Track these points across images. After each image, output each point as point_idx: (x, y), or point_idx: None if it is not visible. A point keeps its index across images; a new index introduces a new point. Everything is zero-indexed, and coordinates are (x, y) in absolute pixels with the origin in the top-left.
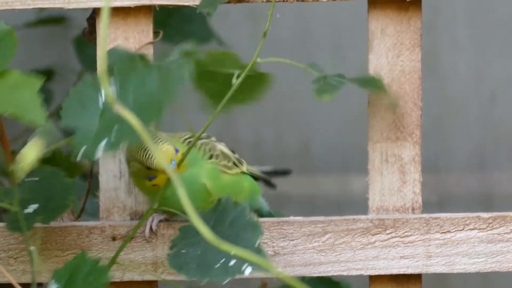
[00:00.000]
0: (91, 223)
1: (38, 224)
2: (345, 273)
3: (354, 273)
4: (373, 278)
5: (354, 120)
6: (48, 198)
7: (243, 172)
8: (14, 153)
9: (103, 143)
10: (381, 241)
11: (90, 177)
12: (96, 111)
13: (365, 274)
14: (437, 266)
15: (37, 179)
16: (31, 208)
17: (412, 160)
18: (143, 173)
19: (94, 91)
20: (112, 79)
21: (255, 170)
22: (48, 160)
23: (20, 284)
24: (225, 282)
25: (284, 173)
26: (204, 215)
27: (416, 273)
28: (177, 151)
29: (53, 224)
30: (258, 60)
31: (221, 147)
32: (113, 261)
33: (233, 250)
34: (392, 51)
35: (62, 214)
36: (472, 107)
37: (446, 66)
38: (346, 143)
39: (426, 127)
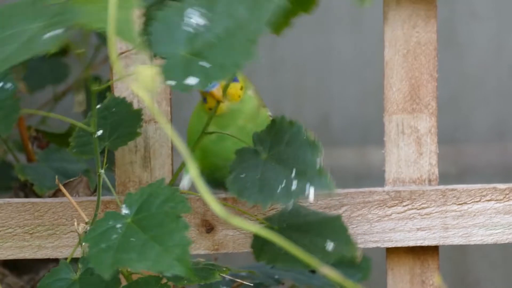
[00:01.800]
0: (107, 198)
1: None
2: (362, 246)
3: (371, 245)
4: (390, 250)
5: (373, 93)
6: (115, 125)
7: None
8: (30, 129)
9: (192, 80)
10: (398, 213)
11: (106, 152)
12: (183, 38)
13: (382, 246)
14: (454, 238)
15: (99, 106)
16: (97, 133)
17: (428, 131)
18: (201, 94)
19: (181, 17)
20: (200, 7)
21: None
22: (63, 136)
23: (37, 260)
24: (290, 204)
25: None
26: (259, 136)
27: (433, 245)
28: (236, 80)
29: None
30: None
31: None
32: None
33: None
34: (407, 23)
35: (131, 140)
36: (490, 79)
37: (464, 37)
38: (365, 116)
39: (444, 99)
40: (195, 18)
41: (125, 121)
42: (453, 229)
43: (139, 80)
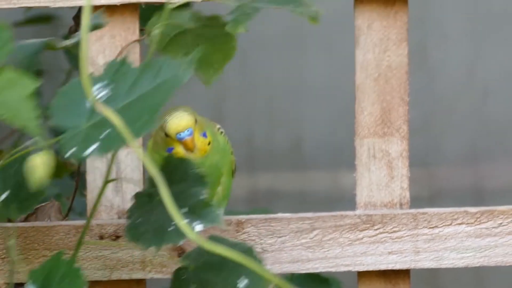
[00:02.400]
0: (79, 222)
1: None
2: (333, 270)
3: (342, 269)
4: (361, 274)
5: (344, 116)
6: (20, 186)
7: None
8: (1, 153)
9: (93, 147)
10: (369, 237)
11: (78, 176)
12: (84, 112)
13: (354, 270)
14: (425, 261)
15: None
16: (3, 196)
17: (399, 155)
18: (164, 143)
19: (82, 92)
20: (104, 81)
21: None
22: None
23: (8, 284)
24: (181, 243)
25: None
26: (152, 179)
27: (404, 268)
28: (204, 135)
29: (40, 223)
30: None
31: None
32: (73, 257)
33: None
34: (378, 46)
35: (37, 204)
36: (463, 102)
37: (436, 60)
38: (336, 140)
39: (416, 122)
40: (98, 92)
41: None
42: (424, 253)
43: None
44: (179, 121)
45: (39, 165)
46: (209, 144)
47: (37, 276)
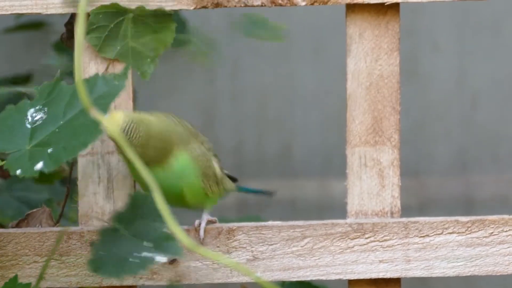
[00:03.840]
0: (70, 229)
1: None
2: (324, 278)
3: (333, 277)
4: (352, 283)
5: (335, 124)
6: None
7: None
8: None
9: (40, 164)
10: (360, 245)
11: (69, 182)
12: (24, 134)
13: (344, 278)
14: (416, 270)
15: None
16: None
17: (391, 164)
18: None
19: (20, 115)
20: (38, 106)
21: (232, 187)
22: None
23: None
24: (140, 274)
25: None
26: (120, 215)
27: (395, 277)
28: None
29: (31, 229)
30: None
31: (215, 165)
32: (40, 277)
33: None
34: (370, 55)
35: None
36: (453, 111)
37: (426, 70)
38: (327, 148)
39: (407, 131)
40: (34, 115)
41: None
42: (415, 262)
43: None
44: (114, 122)
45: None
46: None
47: None
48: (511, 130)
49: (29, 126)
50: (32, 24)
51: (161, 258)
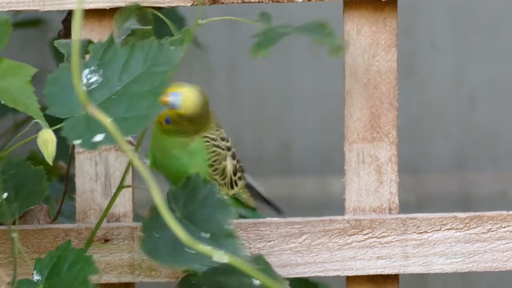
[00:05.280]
0: (68, 226)
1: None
2: (322, 274)
3: (331, 274)
4: (350, 279)
5: (333, 122)
6: (19, 187)
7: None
8: None
9: (101, 136)
10: (358, 241)
11: (67, 180)
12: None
13: (342, 275)
14: (414, 266)
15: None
16: (4, 195)
17: (388, 160)
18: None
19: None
20: (92, 67)
21: (246, 195)
22: None
23: None
24: (195, 269)
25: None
26: (174, 192)
27: (393, 273)
28: (167, 121)
29: (29, 226)
30: (200, 21)
31: (228, 164)
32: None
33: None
34: (367, 52)
35: (39, 202)
36: (451, 109)
37: (425, 68)
38: (325, 145)
39: (405, 128)
40: (89, 76)
41: (28, 181)
42: (413, 258)
43: (39, 145)
44: (189, 98)
45: (49, 139)
46: (162, 125)
47: (44, 265)
48: (509, 128)
49: (84, 88)
50: (29, 22)
51: (220, 258)
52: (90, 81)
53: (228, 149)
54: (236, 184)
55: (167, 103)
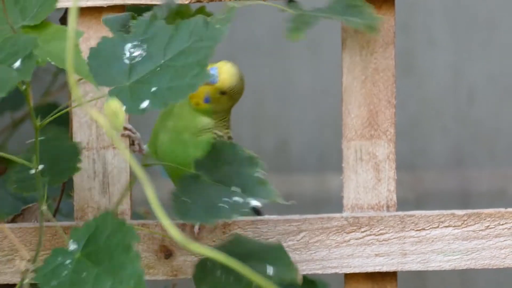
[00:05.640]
0: (66, 223)
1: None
2: (320, 272)
3: (329, 271)
4: (348, 276)
5: (331, 119)
6: (54, 160)
7: None
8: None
9: (146, 102)
10: (356, 239)
11: None
12: (123, 70)
13: (340, 272)
14: (412, 263)
15: (42, 138)
16: (40, 167)
17: (386, 158)
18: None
19: (116, 49)
20: (135, 42)
21: None
22: None
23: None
24: (233, 219)
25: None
26: (201, 162)
27: (391, 271)
28: (207, 99)
29: (27, 224)
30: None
31: None
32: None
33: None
34: (365, 49)
35: (72, 174)
36: (449, 106)
37: (423, 65)
38: (323, 143)
39: (403, 125)
40: (132, 50)
41: (64, 155)
42: (411, 255)
43: (107, 115)
44: (228, 71)
45: (119, 110)
46: (198, 105)
47: (81, 234)
48: (507, 124)
49: (127, 61)
50: None
51: (255, 202)
52: (133, 55)
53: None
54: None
55: None
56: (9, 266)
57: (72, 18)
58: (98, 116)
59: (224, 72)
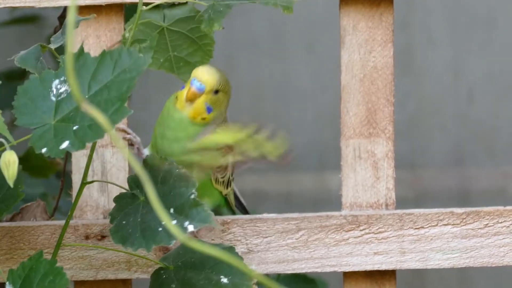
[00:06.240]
0: (64, 222)
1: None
2: (319, 270)
3: (328, 269)
4: (347, 275)
5: (330, 117)
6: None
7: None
8: None
9: (67, 143)
10: (355, 237)
11: (63, 176)
12: (49, 108)
13: (339, 270)
14: (411, 262)
15: None
16: None
17: (385, 156)
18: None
19: (43, 88)
20: (62, 77)
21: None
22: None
23: None
24: (172, 244)
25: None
26: (134, 179)
27: (390, 269)
28: (209, 109)
29: (26, 223)
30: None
31: (229, 163)
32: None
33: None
34: (364, 47)
35: (11, 208)
36: (448, 104)
37: (421, 63)
38: (322, 141)
39: (402, 124)
40: (59, 86)
41: (5, 185)
42: (410, 253)
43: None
44: (206, 72)
45: (11, 161)
46: (204, 119)
47: (16, 276)
48: (506, 123)
49: (53, 98)
50: (26, 18)
51: (191, 227)
52: (60, 91)
53: (230, 149)
54: (230, 184)
55: (195, 95)
56: (8, 265)
57: (70, 16)
58: (94, 113)
59: (203, 74)
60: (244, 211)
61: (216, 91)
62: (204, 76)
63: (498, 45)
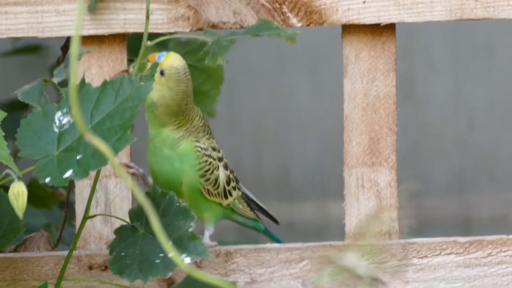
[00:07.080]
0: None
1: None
2: None
3: None
4: None
5: (333, 145)
6: None
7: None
8: None
9: (70, 172)
10: None
11: (67, 206)
12: (52, 139)
13: None
14: None
15: None
16: None
17: (388, 185)
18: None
19: (46, 120)
20: (65, 109)
21: (244, 206)
22: None
23: None
24: (168, 276)
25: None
26: (135, 212)
27: None
28: (161, 72)
29: (29, 254)
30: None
31: (220, 174)
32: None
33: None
34: (366, 76)
35: (12, 241)
36: (450, 132)
37: (423, 91)
38: (324, 169)
39: (404, 151)
40: (61, 118)
41: (6, 217)
42: (414, 283)
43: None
44: (174, 54)
45: (20, 192)
46: (156, 117)
47: None
48: (507, 149)
49: (56, 130)
50: (28, 48)
51: (187, 259)
52: (63, 122)
53: (220, 159)
54: (231, 194)
55: (153, 57)
56: None
57: (74, 48)
58: (97, 143)
59: (170, 56)
60: (262, 211)
61: (162, 72)
62: (170, 56)
63: (498, 72)
